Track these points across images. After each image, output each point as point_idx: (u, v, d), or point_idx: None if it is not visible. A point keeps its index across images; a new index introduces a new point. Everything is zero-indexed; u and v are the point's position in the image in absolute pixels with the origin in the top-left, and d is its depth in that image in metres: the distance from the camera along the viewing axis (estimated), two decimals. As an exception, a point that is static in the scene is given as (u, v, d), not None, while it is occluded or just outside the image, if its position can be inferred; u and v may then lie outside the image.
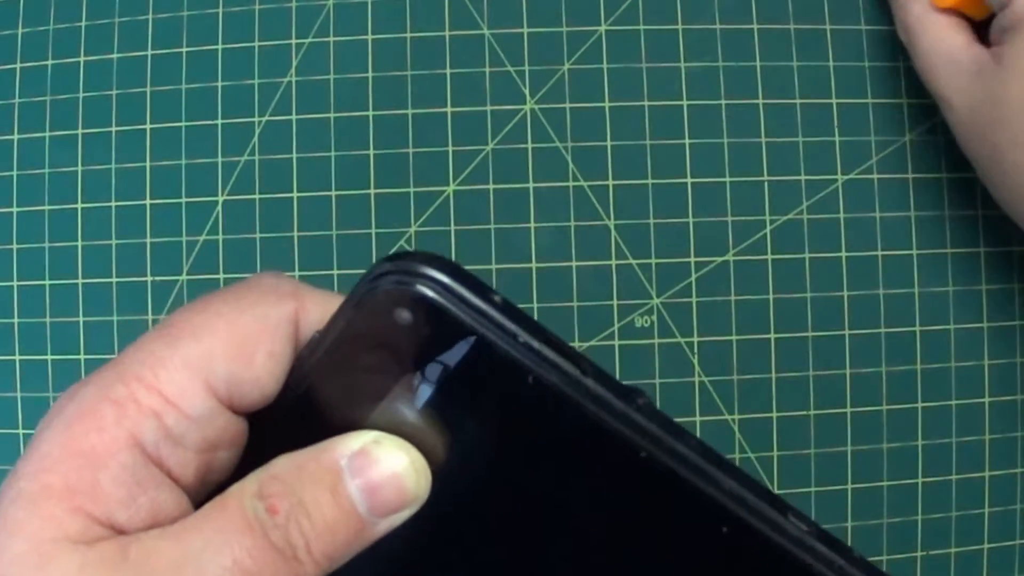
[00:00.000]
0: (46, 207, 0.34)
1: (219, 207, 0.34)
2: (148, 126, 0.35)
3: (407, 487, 0.16)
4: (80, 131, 0.35)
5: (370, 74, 0.35)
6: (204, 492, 0.17)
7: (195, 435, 0.16)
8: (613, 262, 0.34)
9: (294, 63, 0.35)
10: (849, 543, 0.34)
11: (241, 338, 0.17)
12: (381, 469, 0.16)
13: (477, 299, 0.16)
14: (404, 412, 0.16)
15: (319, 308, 0.18)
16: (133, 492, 0.16)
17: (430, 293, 0.15)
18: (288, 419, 0.17)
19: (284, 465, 0.16)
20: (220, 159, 0.34)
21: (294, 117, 0.34)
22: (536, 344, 0.16)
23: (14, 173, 0.35)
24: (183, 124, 0.35)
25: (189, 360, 0.16)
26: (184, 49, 0.35)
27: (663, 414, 0.16)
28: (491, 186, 0.34)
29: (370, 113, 0.34)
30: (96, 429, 0.16)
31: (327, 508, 0.16)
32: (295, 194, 0.34)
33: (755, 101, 0.35)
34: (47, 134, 0.35)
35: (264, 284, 0.18)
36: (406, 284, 0.15)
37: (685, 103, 0.35)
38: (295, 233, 0.34)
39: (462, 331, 0.15)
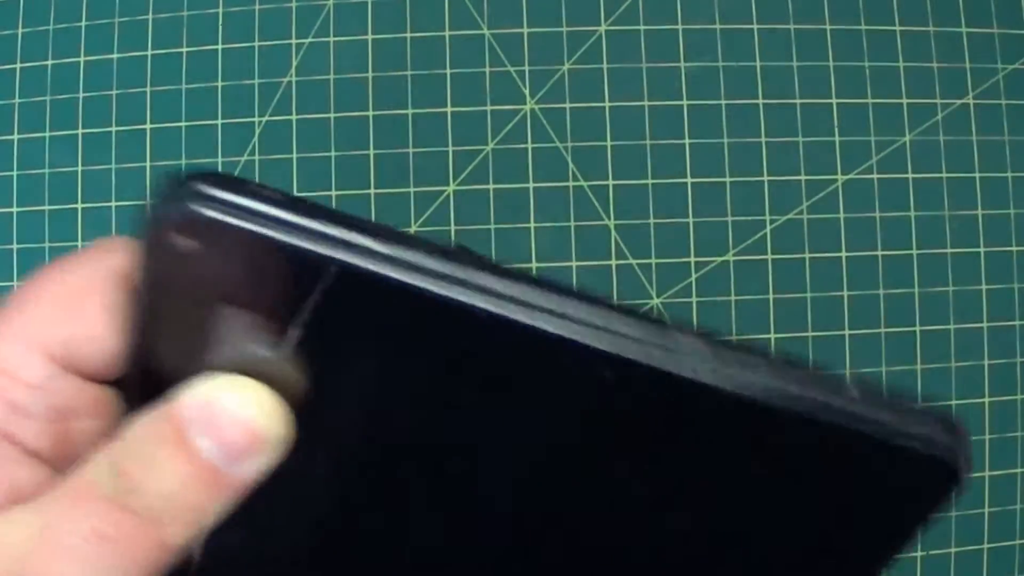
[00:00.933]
0: (46, 207, 0.34)
1: (219, 207, 0.34)
2: (148, 126, 0.35)
3: (258, 429, 0.16)
4: (80, 131, 0.35)
5: (370, 74, 0.35)
6: (72, 465, 0.17)
7: (41, 404, 0.17)
8: (613, 262, 0.34)
9: (294, 63, 0.35)
10: (849, 543, 0.34)
11: (68, 297, 0.17)
12: (227, 414, 0.15)
13: (250, 200, 0.14)
14: (245, 348, 0.16)
15: None
16: None
17: (194, 207, 0.14)
18: (149, 382, 0.16)
19: (132, 427, 0.16)
20: (220, 159, 0.34)
21: (294, 117, 0.34)
22: (329, 229, 0.14)
23: (14, 173, 0.35)
24: (183, 124, 0.35)
25: (20, 330, 0.16)
26: (184, 49, 0.35)
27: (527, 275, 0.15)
28: (491, 186, 0.34)
29: (370, 113, 0.34)
30: None
31: (178, 463, 0.15)
32: (295, 194, 0.34)
33: (755, 101, 0.35)
34: (47, 134, 0.35)
35: (93, 245, 0.17)
36: (170, 209, 0.14)
37: (685, 103, 0.35)
38: (295, 233, 0.34)
39: (252, 240, 0.14)
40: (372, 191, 0.34)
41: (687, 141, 0.34)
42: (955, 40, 0.35)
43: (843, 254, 0.34)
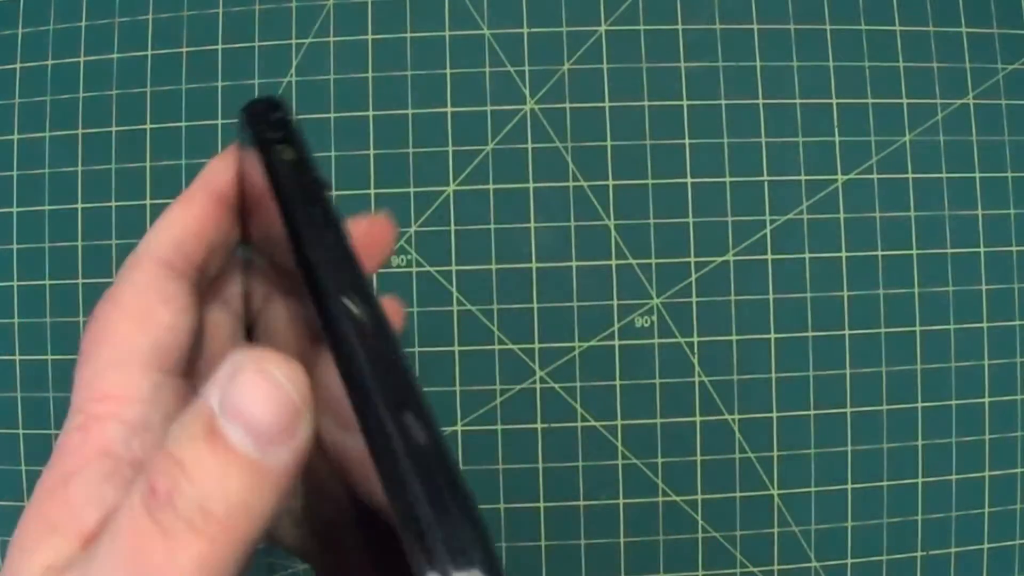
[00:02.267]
0: (46, 207, 0.34)
1: (219, 207, 0.34)
2: (148, 126, 0.35)
3: (287, 404, 0.15)
4: (80, 131, 0.35)
5: (370, 74, 0.35)
6: None
7: (156, 415, 0.17)
8: (613, 262, 0.34)
9: (294, 63, 0.35)
10: (849, 543, 0.34)
11: (136, 310, 0.18)
12: (248, 394, 0.15)
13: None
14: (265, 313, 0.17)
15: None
16: (102, 494, 0.16)
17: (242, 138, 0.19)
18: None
19: (170, 432, 0.15)
20: (220, 159, 0.34)
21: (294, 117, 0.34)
22: None
23: (14, 173, 0.35)
24: (183, 124, 0.35)
25: (111, 357, 0.18)
26: (184, 49, 0.35)
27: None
28: (491, 186, 0.34)
29: (370, 113, 0.34)
30: (65, 456, 0.17)
31: (208, 462, 0.14)
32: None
33: (755, 101, 0.35)
34: (47, 134, 0.35)
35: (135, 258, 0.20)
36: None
37: (685, 103, 0.35)
38: (295, 233, 0.34)
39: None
40: (372, 191, 0.34)
41: (687, 141, 0.34)
42: (955, 40, 0.35)
43: (843, 254, 0.34)
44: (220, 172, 0.20)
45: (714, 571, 0.34)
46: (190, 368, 0.20)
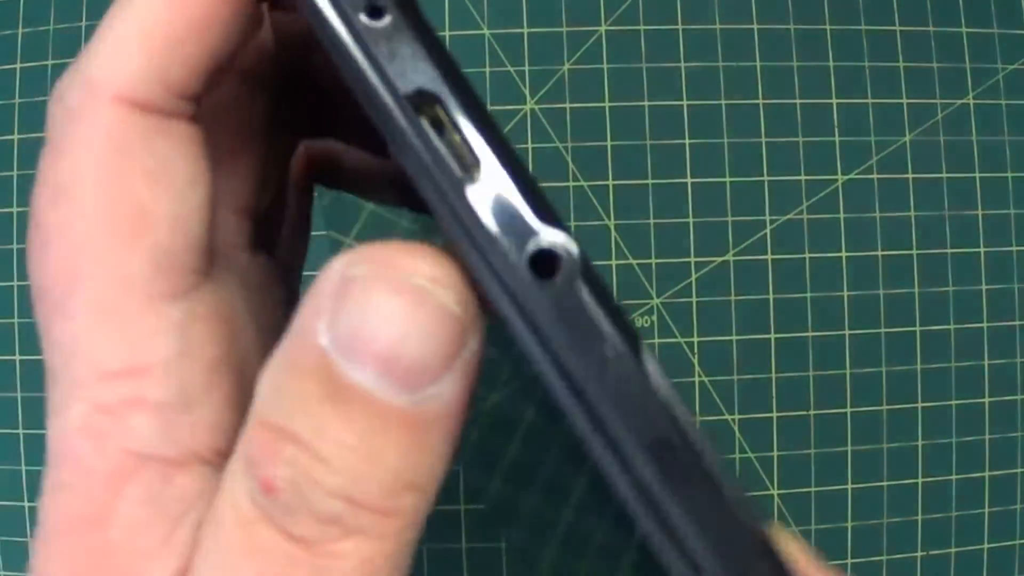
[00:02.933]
0: (46, 207, 0.34)
1: (219, 207, 0.34)
2: (148, 126, 0.35)
3: (431, 320, 0.10)
4: (80, 131, 0.35)
5: (370, 74, 0.34)
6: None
7: (198, 365, 0.12)
8: (613, 262, 0.34)
9: (294, 63, 0.35)
10: (849, 543, 0.34)
11: (110, 204, 0.12)
12: (378, 317, 0.10)
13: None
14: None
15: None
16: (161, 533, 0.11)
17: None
18: None
19: (263, 395, 0.10)
20: (220, 159, 0.34)
21: (294, 117, 0.34)
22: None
23: (14, 173, 0.35)
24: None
25: (95, 300, 0.12)
26: (184, 49, 0.35)
27: None
28: (491, 186, 0.34)
29: (370, 113, 0.34)
30: (79, 486, 0.11)
31: (342, 432, 0.10)
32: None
33: (755, 101, 0.35)
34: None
35: None
36: None
37: (685, 103, 0.35)
38: (295, 233, 0.34)
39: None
40: (372, 191, 0.34)
41: (687, 141, 0.34)
42: (955, 40, 0.35)
43: (843, 254, 0.34)
44: None
45: (714, 571, 0.34)
46: (232, 250, 0.13)
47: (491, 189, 0.11)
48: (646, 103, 0.35)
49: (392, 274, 0.10)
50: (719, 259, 0.34)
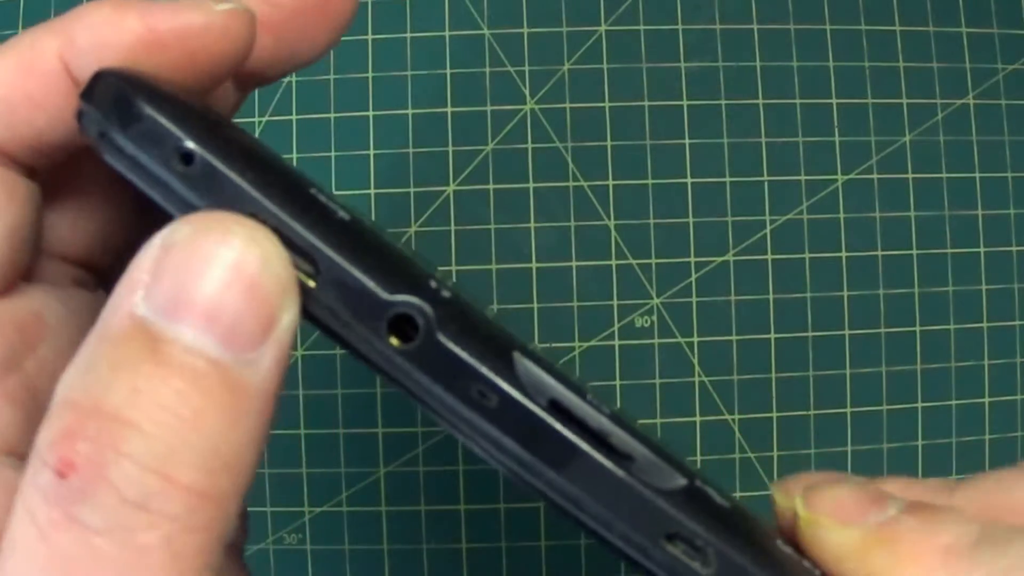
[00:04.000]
0: (46, 207, 0.34)
1: (219, 207, 0.34)
2: (148, 126, 0.35)
3: (252, 278, 0.10)
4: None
5: (370, 74, 0.35)
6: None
7: None
8: (613, 262, 0.34)
9: (294, 63, 0.35)
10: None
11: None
12: (199, 274, 0.09)
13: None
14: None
15: (89, 35, 0.12)
16: None
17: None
18: None
19: (67, 380, 0.10)
20: (220, 159, 0.34)
21: (294, 117, 0.34)
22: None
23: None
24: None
25: None
26: (184, 49, 0.35)
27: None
28: (491, 186, 0.34)
29: (370, 113, 0.34)
30: None
31: (161, 391, 0.09)
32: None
33: (755, 101, 0.35)
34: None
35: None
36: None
37: (685, 103, 0.35)
38: (295, 233, 0.34)
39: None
40: (372, 191, 0.34)
41: (687, 141, 0.34)
42: (955, 40, 0.35)
43: (843, 254, 0.34)
44: (99, 22, 0.12)
45: (714, 571, 0.34)
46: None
47: (334, 287, 0.12)
48: (646, 103, 0.35)
49: (213, 236, 0.10)
50: (719, 259, 0.34)
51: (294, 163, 0.34)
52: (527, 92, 0.35)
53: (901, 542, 0.13)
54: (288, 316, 0.10)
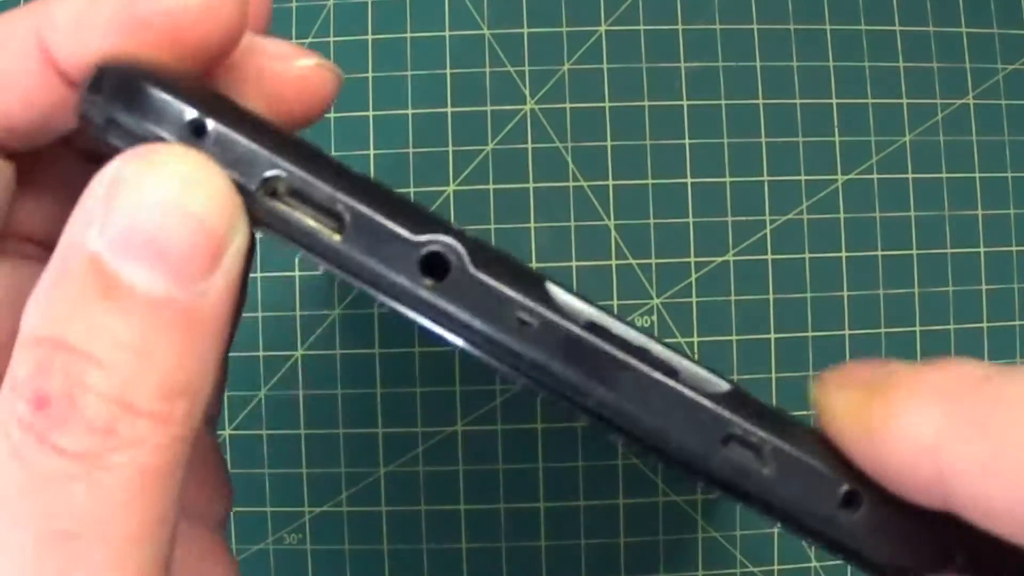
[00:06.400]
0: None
1: (219, 207, 0.34)
2: (148, 126, 0.35)
3: (206, 218, 0.10)
4: (80, 131, 0.35)
5: (370, 75, 0.35)
6: None
7: None
8: (613, 262, 0.34)
9: (294, 63, 0.35)
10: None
11: None
12: (145, 210, 0.10)
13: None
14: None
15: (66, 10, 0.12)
16: None
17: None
18: None
19: (29, 315, 0.10)
20: (220, 159, 0.34)
21: (294, 117, 0.34)
22: None
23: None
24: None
25: None
26: (184, 49, 0.35)
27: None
28: (491, 186, 0.34)
29: (370, 113, 0.34)
30: None
31: (115, 326, 0.10)
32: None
33: (755, 101, 0.35)
34: (47, 134, 0.35)
35: None
36: None
37: (685, 103, 0.35)
38: (295, 233, 0.34)
39: None
40: (372, 191, 0.34)
41: (687, 141, 0.34)
42: (955, 40, 0.35)
43: (843, 254, 0.34)
44: (61, 30, 0.12)
45: (714, 571, 0.34)
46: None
47: (363, 235, 0.12)
48: (646, 103, 0.35)
49: (161, 170, 0.10)
50: (719, 259, 0.34)
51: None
52: (527, 92, 0.35)
53: (898, 387, 0.13)
54: (236, 242, 0.11)
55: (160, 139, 0.11)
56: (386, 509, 0.33)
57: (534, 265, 0.34)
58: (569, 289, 0.13)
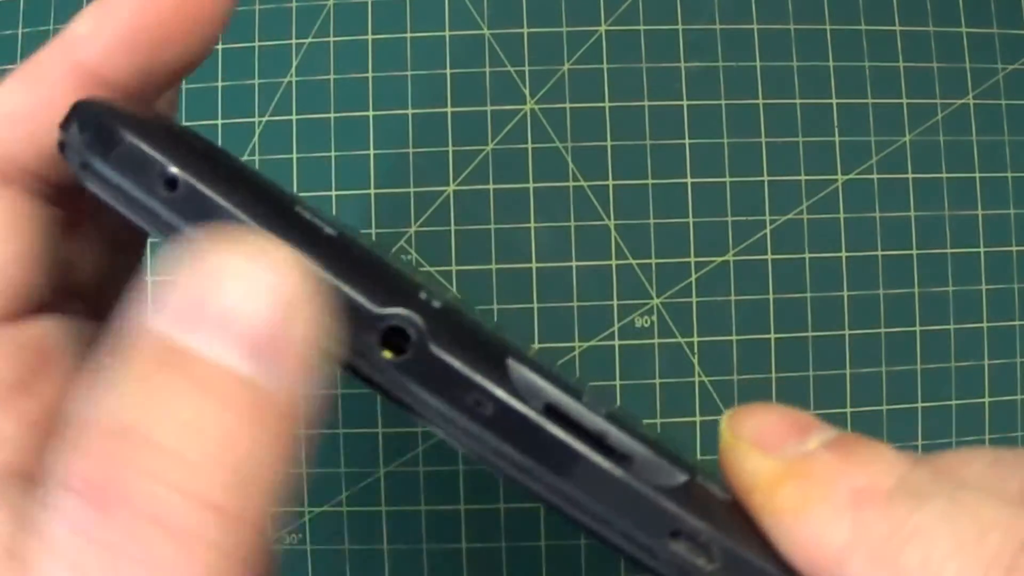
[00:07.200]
0: (46, 207, 0.34)
1: (219, 207, 0.34)
2: (148, 126, 0.35)
3: (291, 292, 0.10)
4: (80, 131, 0.35)
5: (370, 74, 0.35)
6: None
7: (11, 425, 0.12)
8: (613, 262, 0.34)
9: (294, 63, 0.35)
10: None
11: None
12: (225, 282, 0.09)
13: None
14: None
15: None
16: None
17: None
18: None
19: (91, 390, 0.09)
20: (220, 159, 0.34)
21: (294, 117, 0.34)
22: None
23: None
24: (183, 124, 0.35)
25: None
26: (184, 49, 0.35)
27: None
28: (491, 186, 0.34)
29: (370, 113, 0.34)
30: None
31: (184, 409, 0.08)
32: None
33: (755, 101, 0.35)
34: (47, 134, 0.35)
35: None
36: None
37: (685, 103, 0.35)
38: (295, 233, 0.34)
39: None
40: (372, 191, 0.34)
41: (687, 141, 0.34)
42: (955, 40, 0.35)
43: (843, 254, 0.34)
44: (86, 38, 0.12)
45: (714, 571, 0.34)
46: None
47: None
48: (646, 103, 0.35)
49: (241, 249, 0.10)
50: (719, 259, 0.34)
51: (294, 163, 0.34)
52: (527, 92, 0.35)
53: (812, 478, 0.12)
54: (315, 333, 0.10)
55: (129, 192, 0.11)
56: (386, 509, 0.33)
57: (533, 265, 0.34)
58: (534, 363, 0.13)
